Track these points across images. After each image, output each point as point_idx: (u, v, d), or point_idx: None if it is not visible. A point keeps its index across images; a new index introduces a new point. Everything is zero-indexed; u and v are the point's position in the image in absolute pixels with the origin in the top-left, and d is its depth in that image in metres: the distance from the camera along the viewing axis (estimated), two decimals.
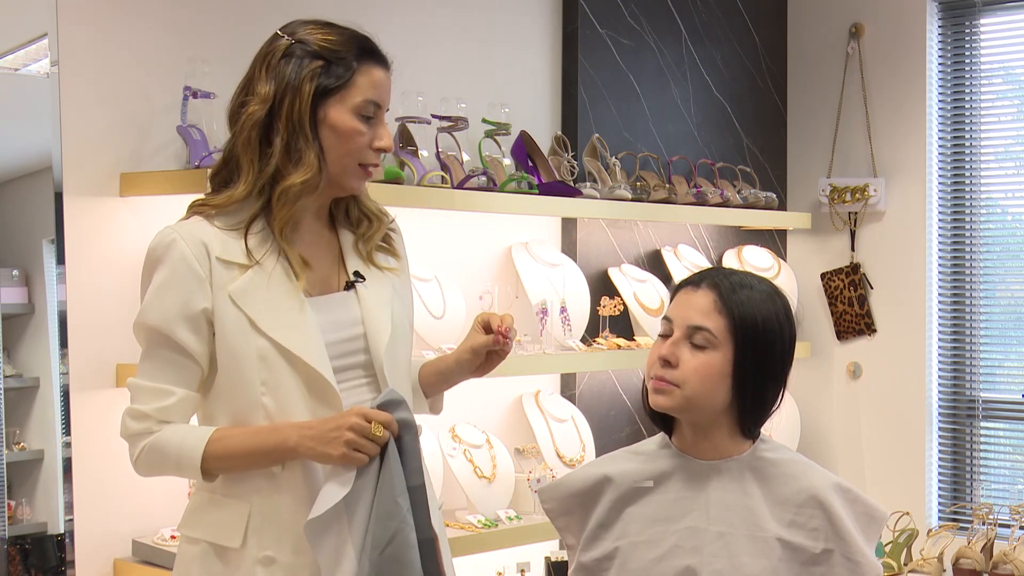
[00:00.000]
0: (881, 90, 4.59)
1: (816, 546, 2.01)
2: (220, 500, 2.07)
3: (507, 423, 3.80)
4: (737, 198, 4.25)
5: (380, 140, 2.08)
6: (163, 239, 2.05)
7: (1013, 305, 4.49)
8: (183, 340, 2.02)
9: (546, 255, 3.82)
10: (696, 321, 2.01)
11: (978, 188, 4.49)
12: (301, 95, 2.02)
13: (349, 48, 2.06)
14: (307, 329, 2.03)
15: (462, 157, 3.48)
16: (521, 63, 3.94)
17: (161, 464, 2.04)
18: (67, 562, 2.91)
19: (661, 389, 2.02)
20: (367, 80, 2.06)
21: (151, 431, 2.03)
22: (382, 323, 2.11)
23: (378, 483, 1.95)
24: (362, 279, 2.14)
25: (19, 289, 2.99)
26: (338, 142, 2.05)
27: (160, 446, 2.02)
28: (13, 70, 2.93)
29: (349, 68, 2.05)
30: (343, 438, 1.93)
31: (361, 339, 2.11)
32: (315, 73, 2.03)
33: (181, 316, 2.02)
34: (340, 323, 2.09)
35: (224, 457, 2.01)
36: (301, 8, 3.27)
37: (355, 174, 2.09)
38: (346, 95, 2.05)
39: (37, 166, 2.93)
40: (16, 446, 2.97)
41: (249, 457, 2.01)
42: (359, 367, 2.10)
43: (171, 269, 2.02)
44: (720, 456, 2.06)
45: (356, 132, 2.05)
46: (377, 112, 2.08)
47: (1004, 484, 4.47)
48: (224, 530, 2.05)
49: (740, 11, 4.59)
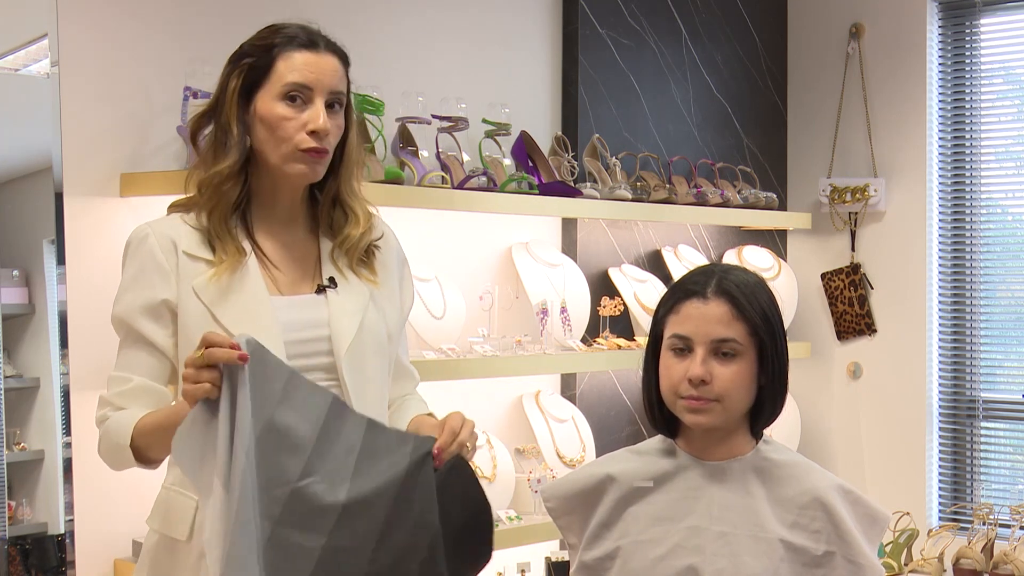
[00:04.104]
0: (881, 90, 4.59)
1: (818, 548, 2.00)
2: (173, 494, 2.11)
3: (507, 423, 3.80)
4: (737, 198, 4.25)
5: (312, 123, 2.08)
6: (135, 235, 2.14)
7: (1013, 305, 4.49)
8: (145, 331, 2.07)
9: (546, 255, 3.82)
10: (720, 334, 2.00)
11: (978, 188, 4.49)
12: (227, 92, 2.10)
13: (274, 39, 2.10)
14: (266, 324, 2.04)
15: (462, 157, 3.47)
16: (521, 63, 3.93)
17: (109, 447, 2.07)
18: (67, 562, 2.91)
19: (699, 408, 2.00)
20: (287, 65, 2.08)
21: (107, 417, 2.08)
22: (347, 327, 2.11)
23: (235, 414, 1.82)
24: (334, 285, 2.14)
25: (19, 289, 2.99)
26: (268, 132, 2.08)
27: (109, 429, 2.07)
28: (13, 70, 2.93)
29: (271, 57, 2.09)
30: (186, 377, 1.85)
31: (325, 341, 2.10)
32: (242, 70, 2.10)
33: (144, 307, 2.08)
34: (304, 323, 2.09)
35: (144, 433, 2.02)
36: (301, 8, 3.27)
37: (296, 159, 2.09)
38: (270, 84, 2.08)
39: (37, 166, 2.92)
40: (16, 446, 2.96)
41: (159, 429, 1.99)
42: (321, 369, 2.09)
43: (139, 264, 2.10)
44: (727, 457, 2.06)
45: (282, 119, 2.07)
46: (308, 94, 2.08)
47: (1004, 484, 4.47)
48: (173, 523, 2.09)
49: (740, 11, 4.59)
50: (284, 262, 2.14)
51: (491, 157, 3.60)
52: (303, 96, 2.08)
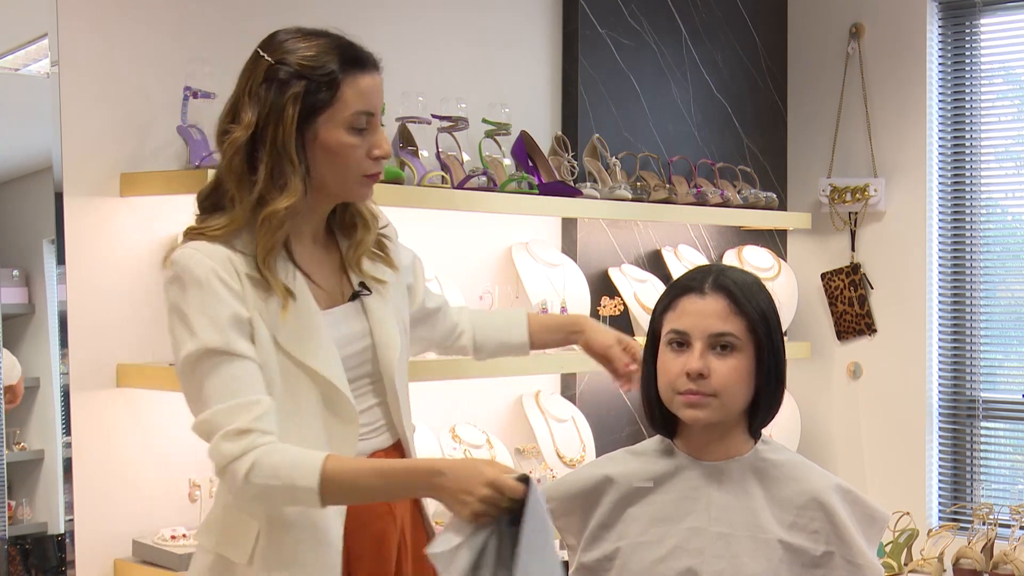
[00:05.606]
0: (881, 90, 4.58)
1: (817, 548, 2.00)
2: (234, 515, 2.02)
3: (507, 423, 3.80)
4: (737, 198, 4.25)
5: (377, 149, 2.01)
6: (190, 262, 1.94)
7: (1013, 305, 4.49)
8: (243, 350, 1.92)
9: (546, 255, 3.82)
10: (717, 328, 1.99)
11: (978, 188, 4.49)
12: (284, 120, 1.94)
13: (331, 61, 1.97)
14: (324, 345, 2.01)
15: (462, 157, 3.48)
16: (521, 63, 3.94)
17: (273, 483, 1.87)
18: (67, 562, 2.91)
19: (697, 403, 1.99)
20: (354, 92, 1.97)
21: (256, 444, 1.88)
22: (391, 336, 2.11)
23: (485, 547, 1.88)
24: (368, 291, 2.11)
25: (19, 289, 2.99)
26: (333, 160, 1.98)
27: (271, 462, 1.88)
28: (13, 70, 2.93)
29: (334, 83, 1.96)
30: (471, 506, 1.85)
31: (369, 350, 2.09)
32: (297, 96, 1.94)
33: (233, 327, 1.92)
34: (350, 336, 2.07)
35: (342, 484, 1.89)
36: (301, 8, 3.27)
37: (359, 184, 2.04)
38: (334, 112, 1.96)
39: (37, 166, 2.92)
40: (16, 446, 2.96)
41: (367, 494, 1.94)
42: (366, 376, 2.10)
43: (208, 286, 1.92)
44: (725, 457, 2.06)
45: (350, 147, 1.98)
46: (370, 120, 2.00)
47: (1004, 484, 4.47)
48: (233, 544, 2.01)
49: (740, 11, 4.59)
50: (320, 274, 2.09)
51: (491, 157, 3.60)
52: (368, 123, 2.00)
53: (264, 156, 1.95)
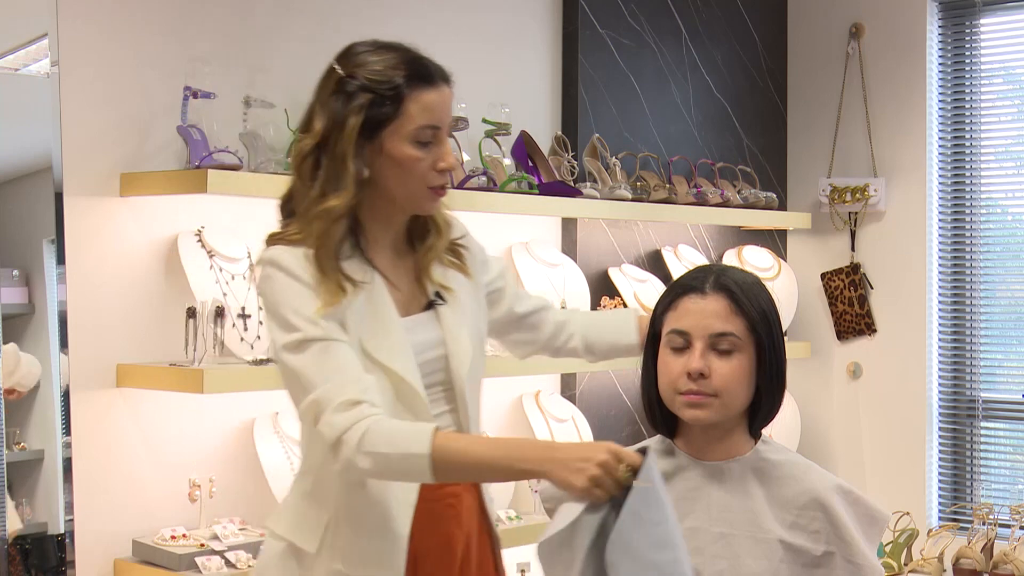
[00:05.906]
0: (881, 90, 4.59)
1: (817, 548, 2.00)
2: (307, 503, 2.08)
3: (507, 423, 3.80)
4: (737, 198, 4.25)
5: (442, 161, 2.06)
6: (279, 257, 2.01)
7: (1013, 305, 4.49)
8: (340, 336, 1.98)
9: (546, 255, 3.82)
10: (718, 328, 1.99)
11: (978, 188, 4.49)
12: (345, 131, 2.00)
13: (397, 75, 2.03)
14: (403, 349, 2.04)
15: (462, 157, 3.48)
16: (521, 63, 3.94)
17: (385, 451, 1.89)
18: (67, 562, 2.91)
19: (698, 403, 1.99)
20: (418, 106, 2.03)
21: (366, 415, 1.91)
22: (463, 346, 2.13)
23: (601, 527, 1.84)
24: (443, 301, 2.14)
25: (19, 289, 2.99)
26: (398, 172, 2.04)
27: (382, 429, 1.90)
28: (13, 70, 2.93)
29: (399, 97, 2.02)
30: (589, 472, 1.83)
31: (443, 359, 2.11)
32: (362, 107, 2.00)
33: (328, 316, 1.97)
34: (425, 344, 2.10)
35: (455, 452, 1.91)
36: (301, 8, 3.27)
37: (425, 197, 2.08)
38: (399, 125, 2.02)
39: (37, 166, 2.93)
40: (16, 446, 2.96)
41: (480, 466, 1.93)
42: (439, 384, 2.12)
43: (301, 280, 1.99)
44: (725, 457, 2.06)
45: (414, 160, 2.03)
46: (436, 134, 2.05)
47: (1004, 484, 4.47)
48: (304, 533, 2.06)
49: (740, 11, 4.59)
50: (400, 281, 2.13)
51: (491, 157, 3.60)
52: (433, 136, 2.05)
53: (325, 162, 2.02)
